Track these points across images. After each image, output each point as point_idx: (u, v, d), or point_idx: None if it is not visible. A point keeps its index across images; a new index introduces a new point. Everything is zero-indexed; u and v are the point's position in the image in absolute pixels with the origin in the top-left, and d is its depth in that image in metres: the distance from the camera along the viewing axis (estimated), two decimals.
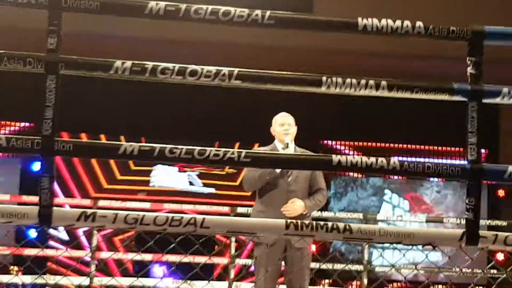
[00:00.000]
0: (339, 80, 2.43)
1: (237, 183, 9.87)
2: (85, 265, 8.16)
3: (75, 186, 10.09)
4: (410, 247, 9.65)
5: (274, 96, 4.95)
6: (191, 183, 10.36)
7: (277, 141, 4.88)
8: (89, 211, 2.38)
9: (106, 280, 7.44)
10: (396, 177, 10.48)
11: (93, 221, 2.37)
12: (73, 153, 2.33)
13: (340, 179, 10.55)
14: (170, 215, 2.42)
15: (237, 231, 2.48)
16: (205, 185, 10.31)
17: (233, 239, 7.13)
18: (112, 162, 9.91)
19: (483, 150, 10.09)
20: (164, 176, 10.30)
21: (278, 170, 4.72)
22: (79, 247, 8.87)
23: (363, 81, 2.43)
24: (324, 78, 2.43)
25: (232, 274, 7.11)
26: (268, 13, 2.40)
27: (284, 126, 4.84)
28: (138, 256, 6.95)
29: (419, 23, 2.45)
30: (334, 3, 8.58)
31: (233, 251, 7.09)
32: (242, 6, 2.41)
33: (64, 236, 9.63)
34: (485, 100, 2.41)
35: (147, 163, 9.68)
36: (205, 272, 6.10)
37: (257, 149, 4.74)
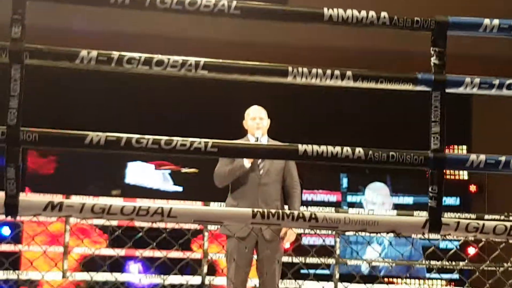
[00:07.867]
0: (305, 70, 2.44)
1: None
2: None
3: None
4: (385, 240, 9.72)
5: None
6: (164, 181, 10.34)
7: (250, 135, 4.91)
8: (56, 200, 2.37)
9: (79, 275, 7.43)
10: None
11: (59, 211, 2.37)
12: (39, 143, 2.32)
13: None
14: (138, 204, 2.41)
15: (204, 220, 2.49)
16: (177, 183, 10.25)
17: (206, 233, 7.13)
18: None
19: (464, 147, 10.23)
20: (139, 173, 10.25)
21: (248, 165, 4.73)
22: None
23: (328, 71, 2.44)
24: (290, 68, 2.44)
25: (205, 269, 7.10)
26: (234, 3, 2.40)
27: (255, 120, 4.86)
28: (112, 252, 6.92)
29: (384, 14, 2.47)
30: None
31: (206, 245, 7.09)
32: None
33: None
34: (448, 90, 2.44)
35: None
36: (181, 269, 6.10)
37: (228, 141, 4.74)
